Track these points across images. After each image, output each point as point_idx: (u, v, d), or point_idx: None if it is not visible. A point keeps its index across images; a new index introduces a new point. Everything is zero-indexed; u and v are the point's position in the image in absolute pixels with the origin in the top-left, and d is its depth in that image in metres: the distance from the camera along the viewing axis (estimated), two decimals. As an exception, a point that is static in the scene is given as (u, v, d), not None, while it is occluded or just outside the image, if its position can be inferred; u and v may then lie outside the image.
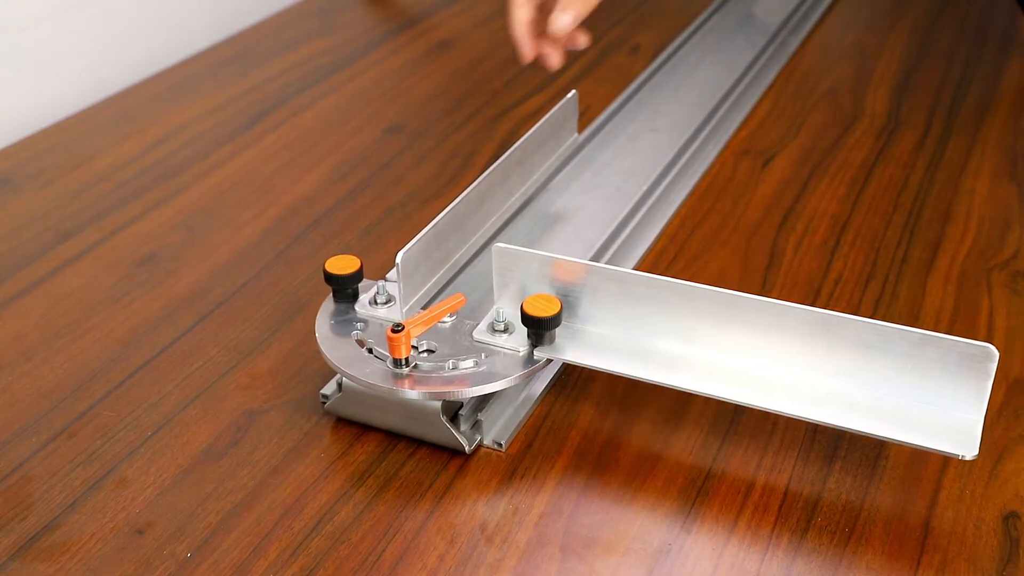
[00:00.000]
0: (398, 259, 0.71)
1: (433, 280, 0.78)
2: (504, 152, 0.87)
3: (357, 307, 0.75)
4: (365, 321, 0.74)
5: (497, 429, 0.73)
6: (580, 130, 1.06)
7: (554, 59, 0.70)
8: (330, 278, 0.75)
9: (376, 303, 0.75)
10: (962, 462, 0.70)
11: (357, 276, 0.75)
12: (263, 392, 0.78)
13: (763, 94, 1.21)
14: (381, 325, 0.74)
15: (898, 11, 1.46)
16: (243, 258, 0.94)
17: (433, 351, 0.72)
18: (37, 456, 0.73)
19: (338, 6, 1.52)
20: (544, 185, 0.97)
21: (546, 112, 0.93)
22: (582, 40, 0.71)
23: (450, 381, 0.68)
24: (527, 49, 0.70)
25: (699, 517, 0.67)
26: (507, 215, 0.89)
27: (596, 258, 0.87)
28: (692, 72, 1.25)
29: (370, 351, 0.71)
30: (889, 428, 0.64)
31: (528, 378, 0.72)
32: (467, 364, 0.70)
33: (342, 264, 0.75)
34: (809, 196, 1.01)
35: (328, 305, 0.76)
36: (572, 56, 1.33)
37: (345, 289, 0.75)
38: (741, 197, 1.01)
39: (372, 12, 1.51)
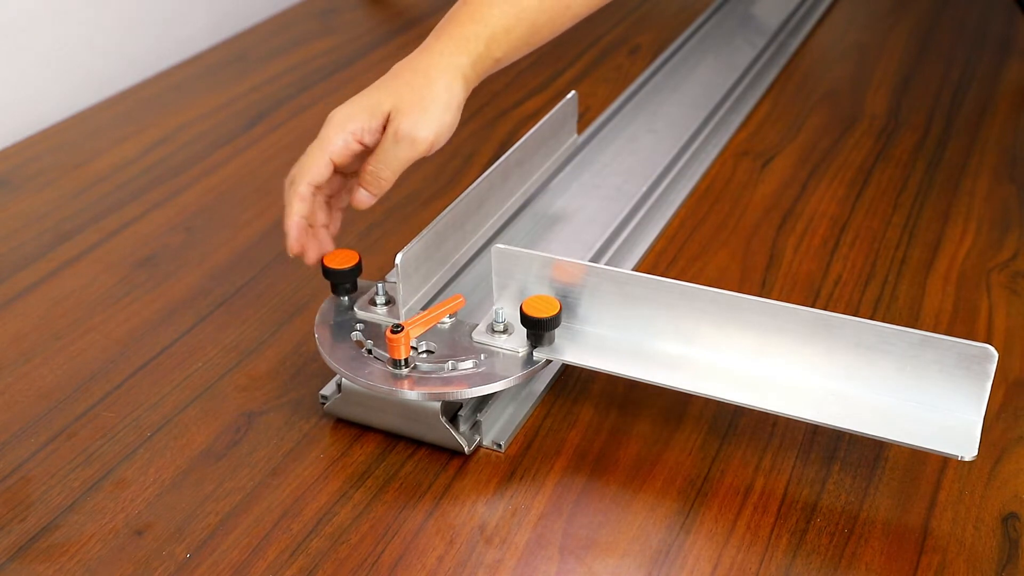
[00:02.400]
0: (398, 260, 0.71)
1: (432, 281, 0.78)
2: (504, 152, 0.87)
3: (356, 308, 0.75)
4: (364, 322, 0.74)
5: (496, 430, 0.73)
6: (580, 131, 1.06)
7: (313, 255, 0.77)
8: (328, 273, 0.75)
9: (375, 304, 0.75)
10: (961, 463, 0.70)
11: (356, 270, 0.75)
12: (262, 393, 0.78)
13: (763, 95, 1.21)
14: (380, 326, 0.74)
15: (898, 12, 1.46)
16: (242, 259, 0.94)
17: (432, 352, 0.72)
18: (36, 457, 0.73)
19: (338, 7, 1.52)
20: (544, 186, 0.97)
21: (546, 113, 0.93)
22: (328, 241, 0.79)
23: (449, 382, 0.68)
24: (296, 244, 0.76)
25: (698, 518, 0.67)
26: (507, 216, 0.89)
27: (596, 259, 0.87)
28: (692, 73, 1.25)
29: (369, 352, 0.71)
30: (888, 429, 0.64)
31: (527, 379, 0.72)
32: (466, 365, 0.70)
33: (340, 259, 0.75)
34: (808, 197, 1.01)
35: (327, 306, 0.76)
36: (572, 57, 1.33)
37: (344, 284, 0.75)
38: (740, 198, 1.01)
39: (372, 13, 1.51)
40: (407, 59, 0.76)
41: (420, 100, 0.73)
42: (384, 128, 0.74)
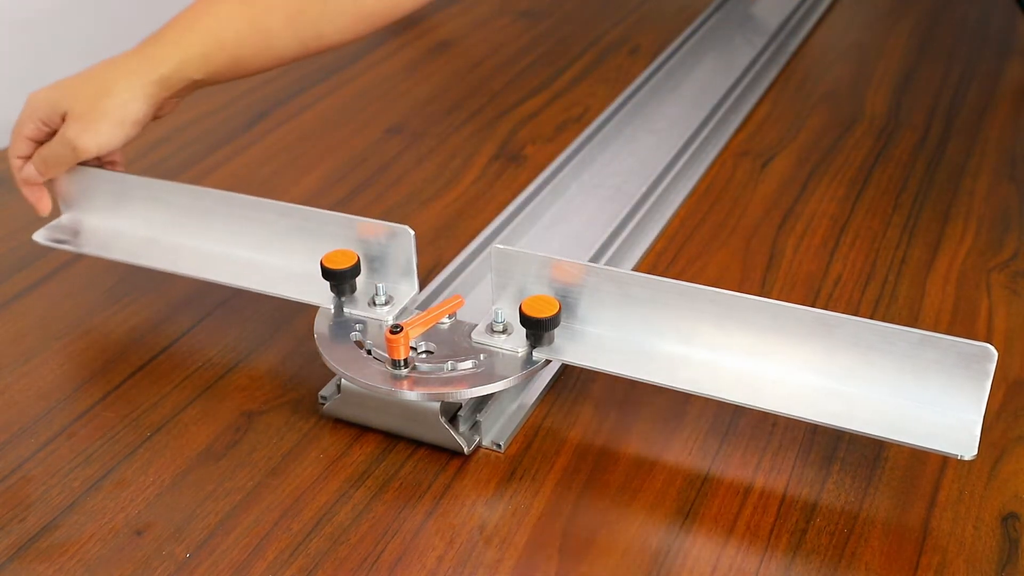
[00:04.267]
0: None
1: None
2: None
3: (355, 308, 0.75)
4: (364, 322, 0.74)
5: (496, 430, 0.73)
6: (580, 131, 1.06)
7: (43, 207, 0.86)
8: (328, 273, 0.75)
9: (375, 304, 0.75)
10: (961, 463, 0.70)
11: (355, 270, 0.75)
12: (262, 393, 0.78)
13: (763, 95, 1.21)
14: (380, 326, 0.74)
15: (898, 11, 1.46)
16: (242, 259, 0.94)
17: (432, 352, 0.72)
18: (36, 457, 0.73)
19: (338, 7, 1.52)
20: (543, 185, 0.97)
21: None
22: (42, 208, 0.86)
23: (449, 382, 0.68)
24: (30, 199, 0.85)
25: (698, 518, 0.67)
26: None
27: (595, 259, 0.87)
28: (692, 73, 1.25)
29: (369, 352, 0.71)
30: (888, 428, 0.64)
31: (527, 379, 0.72)
32: (466, 365, 0.70)
33: (340, 259, 0.75)
34: (808, 197, 1.01)
35: (327, 306, 0.76)
36: (572, 57, 1.33)
37: (343, 284, 0.75)
38: (740, 198, 1.01)
39: (372, 13, 1.51)
40: (106, 63, 0.82)
41: (92, 111, 0.79)
42: (62, 123, 0.80)
